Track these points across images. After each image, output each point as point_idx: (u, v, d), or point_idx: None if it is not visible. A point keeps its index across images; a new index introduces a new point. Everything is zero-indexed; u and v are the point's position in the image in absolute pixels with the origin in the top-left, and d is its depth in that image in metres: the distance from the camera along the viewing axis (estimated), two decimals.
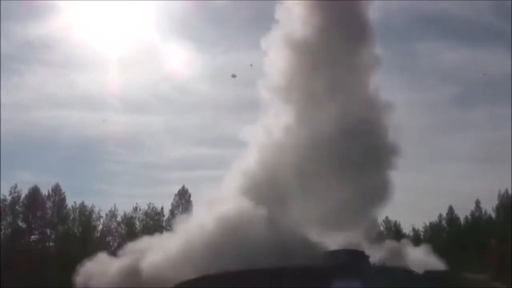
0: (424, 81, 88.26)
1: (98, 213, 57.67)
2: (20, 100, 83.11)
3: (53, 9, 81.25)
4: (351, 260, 30.73)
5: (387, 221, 59.41)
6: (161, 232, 49.23)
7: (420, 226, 60.08)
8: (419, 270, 29.73)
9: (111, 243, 55.77)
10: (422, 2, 79.04)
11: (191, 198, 57.39)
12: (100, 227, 57.27)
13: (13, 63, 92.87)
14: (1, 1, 66.79)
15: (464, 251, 47.47)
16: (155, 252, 36.54)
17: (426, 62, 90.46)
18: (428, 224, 60.03)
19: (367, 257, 31.59)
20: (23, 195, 54.60)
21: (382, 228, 56.82)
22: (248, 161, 39.55)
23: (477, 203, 58.57)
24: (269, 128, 39.78)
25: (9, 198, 53.74)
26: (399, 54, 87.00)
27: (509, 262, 35.14)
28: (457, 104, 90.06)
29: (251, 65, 46.04)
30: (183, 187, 58.51)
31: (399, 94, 75.84)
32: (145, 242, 39.95)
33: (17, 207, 54.58)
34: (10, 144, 74.42)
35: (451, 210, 58.87)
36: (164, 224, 56.47)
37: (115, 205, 58.47)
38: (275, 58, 39.99)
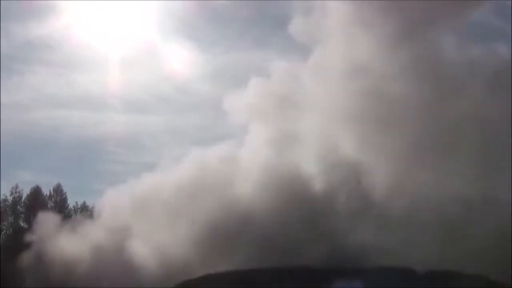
0: None
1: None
2: (21, 100, 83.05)
3: (54, 9, 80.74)
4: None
5: None
6: None
7: None
8: (421, 269, 29.65)
9: None
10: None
11: None
12: None
13: (14, 63, 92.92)
14: (2, 1, 66.80)
15: None
16: None
17: None
18: None
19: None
20: (24, 195, 54.85)
21: None
22: None
23: None
24: None
25: (10, 198, 54.02)
26: None
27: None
28: None
29: None
30: None
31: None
32: None
33: (18, 207, 54.71)
34: (11, 144, 74.61)
35: None
36: None
37: None
38: None
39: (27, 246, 43.04)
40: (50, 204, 56.17)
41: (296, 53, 52.44)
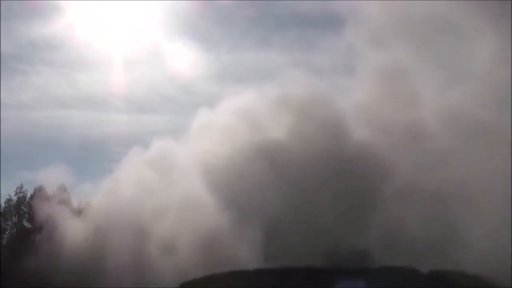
0: None
1: None
2: (24, 100, 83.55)
3: (57, 9, 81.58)
4: (355, 260, 31.01)
5: None
6: None
7: None
8: (424, 269, 29.83)
9: None
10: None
11: None
12: None
13: (16, 63, 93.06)
14: (5, 1, 67.12)
15: None
16: None
17: None
18: None
19: (371, 256, 31.78)
20: (28, 195, 54.91)
21: None
22: None
23: None
24: None
25: (15, 198, 54.11)
26: None
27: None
28: None
29: None
30: None
31: None
32: None
33: (22, 207, 54.79)
34: (14, 144, 74.92)
35: None
36: None
37: None
38: None
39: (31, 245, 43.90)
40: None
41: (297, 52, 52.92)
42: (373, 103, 41.81)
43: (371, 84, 43.14)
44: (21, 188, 54.31)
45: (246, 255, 34.38)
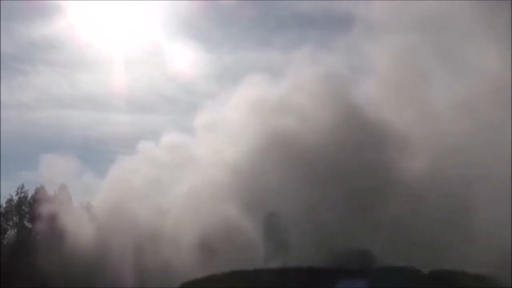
0: None
1: None
2: (24, 100, 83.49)
3: (58, 9, 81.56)
4: (357, 260, 31.01)
5: None
6: None
7: None
8: (425, 269, 29.83)
9: None
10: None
11: None
12: None
13: (17, 63, 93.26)
14: (5, 1, 67.19)
15: None
16: None
17: None
18: None
19: (373, 256, 31.78)
20: (29, 195, 54.97)
21: None
22: None
23: None
24: None
25: (16, 198, 54.18)
26: None
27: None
28: None
29: None
30: None
31: None
32: None
33: (23, 207, 54.83)
34: (14, 144, 74.92)
35: None
36: None
37: None
38: None
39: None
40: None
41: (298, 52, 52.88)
42: (377, 102, 41.80)
43: (376, 83, 43.12)
44: (22, 188, 54.44)
45: (247, 254, 34.34)
